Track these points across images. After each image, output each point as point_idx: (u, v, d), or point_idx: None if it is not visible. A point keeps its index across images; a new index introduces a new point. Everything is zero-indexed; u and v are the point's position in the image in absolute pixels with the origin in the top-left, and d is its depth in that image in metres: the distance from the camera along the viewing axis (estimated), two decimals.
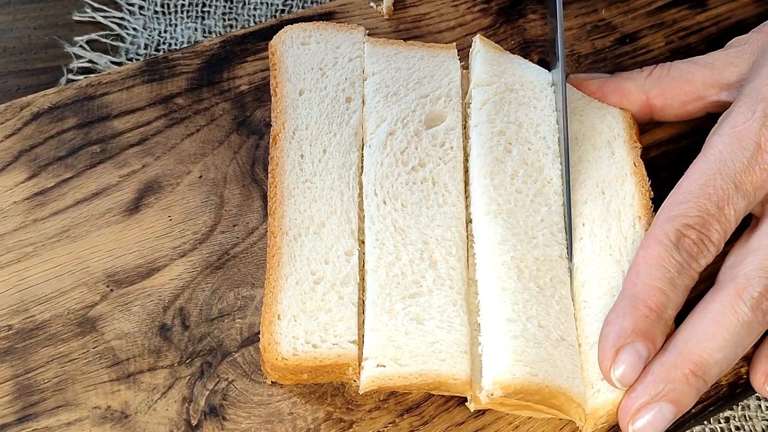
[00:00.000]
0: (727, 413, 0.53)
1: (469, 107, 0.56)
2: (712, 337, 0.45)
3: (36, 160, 0.56)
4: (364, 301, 0.49)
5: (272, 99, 0.57)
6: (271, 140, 0.55)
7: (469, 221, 0.52)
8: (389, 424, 0.49)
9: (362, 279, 0.50)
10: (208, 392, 0.49)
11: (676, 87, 0.56)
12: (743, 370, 0.52)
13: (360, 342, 0.48)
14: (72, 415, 0.48)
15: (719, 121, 0.52)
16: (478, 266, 0.50)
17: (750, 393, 0.52)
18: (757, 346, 0.50)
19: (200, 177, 0.57)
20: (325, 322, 0.48)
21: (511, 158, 0.53)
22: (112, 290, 0.52)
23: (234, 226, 0.55)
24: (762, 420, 0.53)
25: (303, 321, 0.48)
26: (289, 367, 0.47)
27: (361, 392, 0.47)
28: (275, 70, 0.57)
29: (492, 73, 0.57)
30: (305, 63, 0.57)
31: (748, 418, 0.53)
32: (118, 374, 0.49)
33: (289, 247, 0.50)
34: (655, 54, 0.65)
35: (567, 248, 0.51)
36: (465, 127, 0.56)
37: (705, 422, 0.53)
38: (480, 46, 0.58)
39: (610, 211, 0.53)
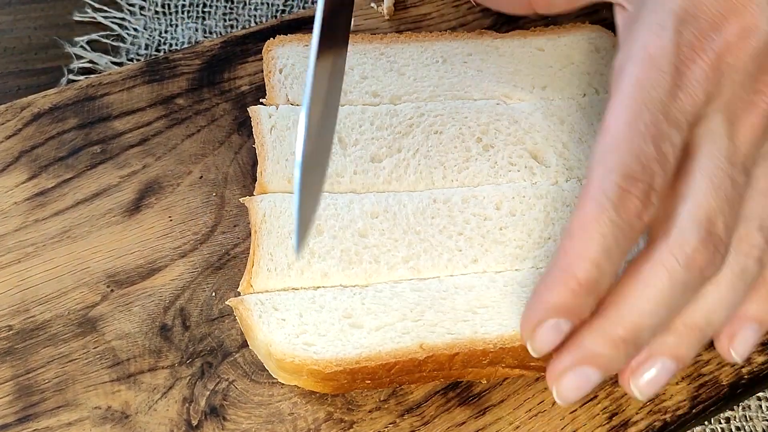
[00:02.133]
0: (728, 413, 0.53)
1: None
2: (647, 301, 0.40)
3: (36, 161, 0.56)
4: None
5: None
6: None
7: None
8: (390, 424, 0.49)
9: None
10: (208, 392, 0.49)
11: None
12: (744, 370, 0.52)
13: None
14: (72, 416, 0.48)
15: (620, 31, 0.47)
16: None
17: (751, 393, 0.52)
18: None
19: (201, 177, 0.57)
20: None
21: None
22: (112, 290, 0.52)
23: (235, 226, 0.55)
24: (763, 420, 0.53)
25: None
26: None
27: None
28: None
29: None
30: None
31: (748, 419, 0.53)
32: (119, 374, 0.49)
33: None
34: None
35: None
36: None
37: (705, 422, 0.53)
38: None
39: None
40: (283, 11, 0.71)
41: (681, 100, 0.41)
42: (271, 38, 0.58)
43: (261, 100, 0.56)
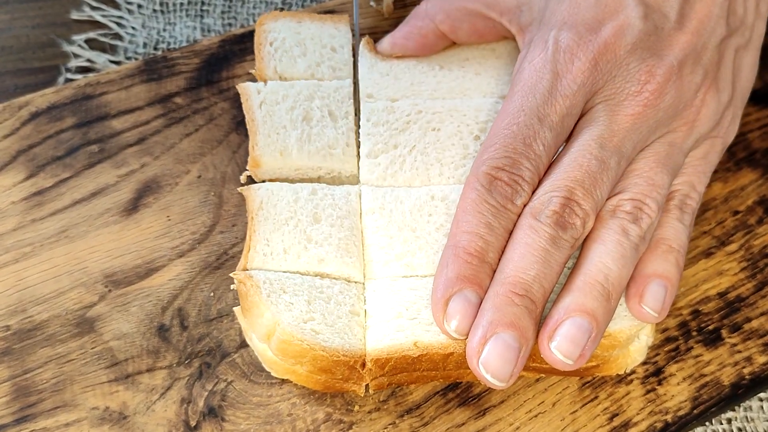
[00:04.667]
0: (729, 414, 0.53)
1: None
2: (522, 257, 0.45)
3: (34, 160, 0.56)
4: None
5: None
6: None
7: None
8: (389, 425, 0.48)
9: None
10: (206, 393, 0.49)
11: (458, 8, 0.56)
12: (746, 371, 0.52)
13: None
14: (70, 416, 0.47)
15: (518, 60, 0.53)
16: None
17: (752, 394, 0.52)
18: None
19: (199, 177, 0.56)
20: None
21: None
22: (110, 290, 0.51)
23: (233, 226, 0.55)
24: (764, 421, 0.53)
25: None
26: None
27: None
28: None
29: None
30: None
31: (750, 419, 0.53)
32: (117, 375, 0.49)
33: None
34: None
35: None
36: None
37: (707, 423, 0.53)
38: None
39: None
40: (281, 9, 0.71)
41: (558, 102, 0.48)
42: (265, 13, 0.59)
43: (250, 70, 0.57)
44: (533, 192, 0.47)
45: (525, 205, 0.47)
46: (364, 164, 0.53)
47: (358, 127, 0.55)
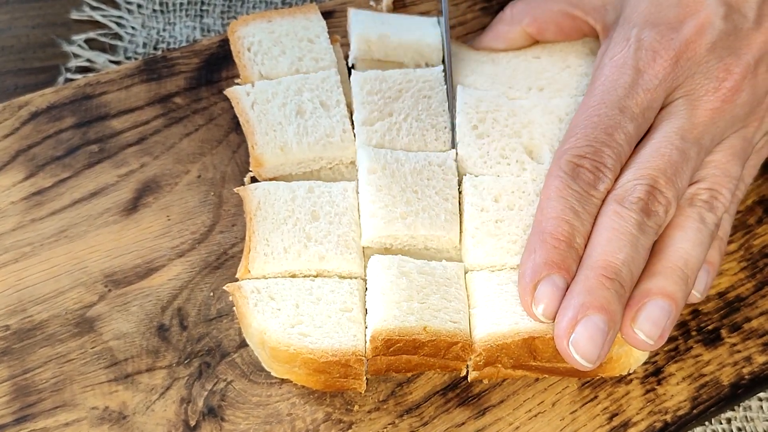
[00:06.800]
0: (729, 414, 0.53)
1: None
2: (609, 241, 0.46)
3: (34, 160, 0.56)
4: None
5: None
6: None
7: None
8: (389, 425, 0.49)
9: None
10: (206, 393, 0.49)
11: (544, 11, 0.58)
12: (745, 370, 0.52)
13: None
14: (70, 416, 0.47)
15: (598, 55, 0.54)
16: None
17: (752, 394, 0.52)
18: None
19: (199, 176, 0.56)
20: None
21: None
22: (110, 290, 0.51)
23: (233, 225, 0.55)
24: (763, 420, 0.53)
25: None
26: None
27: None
28: None
29: None
30: None
31: (749, 419, 0.53)
32: (116, 375, 0.49)
33: None
34: None
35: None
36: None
37: (706, 423, 0.53)
38: None
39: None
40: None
41: (639, 96, 0.49)
42: (234, 19, 0.59)
43: (236, 81, 0.57)
44: (615, 180, 0.48)
45: (608, 192, 0.48)
46: (361, 132, 0.54)
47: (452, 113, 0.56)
